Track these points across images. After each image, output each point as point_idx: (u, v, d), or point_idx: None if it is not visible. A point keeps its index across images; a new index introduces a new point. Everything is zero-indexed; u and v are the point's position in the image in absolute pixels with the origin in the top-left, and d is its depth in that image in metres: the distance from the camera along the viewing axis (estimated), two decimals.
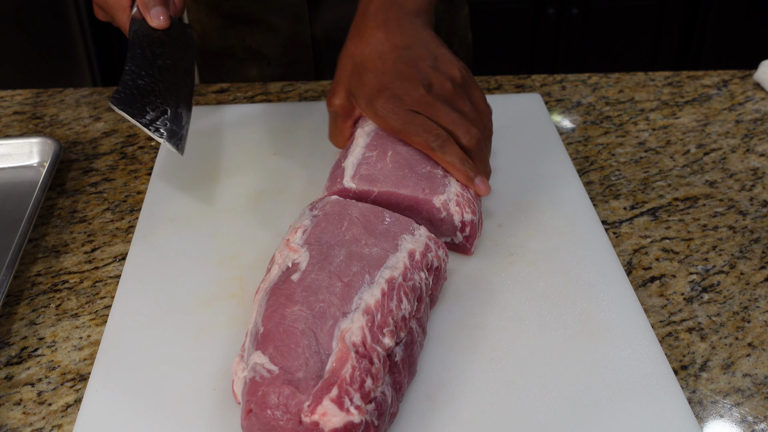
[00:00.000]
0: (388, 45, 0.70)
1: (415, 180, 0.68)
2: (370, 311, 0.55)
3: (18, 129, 0.93)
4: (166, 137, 0.66)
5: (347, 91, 0.73)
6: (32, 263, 0.73)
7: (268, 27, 1.05)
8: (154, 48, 0.72)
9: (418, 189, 0.67)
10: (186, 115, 0.69)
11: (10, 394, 0.60)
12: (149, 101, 0.67)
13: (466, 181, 0.69)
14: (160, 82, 0.70)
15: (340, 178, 0.69)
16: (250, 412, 0.51)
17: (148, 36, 0.72)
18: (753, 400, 0.60)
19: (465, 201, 0.67)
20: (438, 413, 0.56)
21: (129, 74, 0.69)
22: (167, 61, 0.72)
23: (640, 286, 0.70)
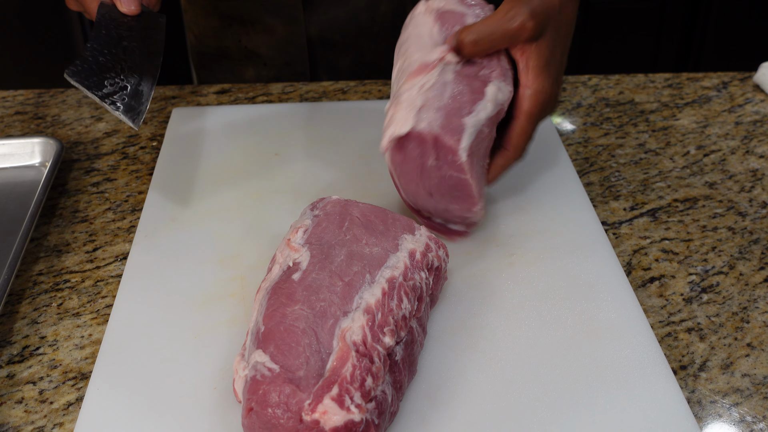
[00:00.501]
0: None
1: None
2: (370, 310, 0.55)
3: (20, 129, 0.93)
4: (123, 110, 0.66)
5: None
6: (34, 262, 0.73)
7: (263, 28, 1.05)
8: (120, 31, 0.72)
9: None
10: (147, 93, 0.69)
11: (11, 392, 0.61)
12: (108, 77, 0.67)
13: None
14: (123, 61, 0.70)
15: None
16: (251, 410, 0.52)
17: (116, 20, 0.73)
18: (752, 400, 0.60)
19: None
20: (438, 412, 0.56)
21: (89, 51, 0.69)
22: (133, 44, 0.72)
23: (640, 287, 0.70)
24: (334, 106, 0.93)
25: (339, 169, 0.82)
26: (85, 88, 0.66)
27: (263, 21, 1.04)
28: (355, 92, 1.00)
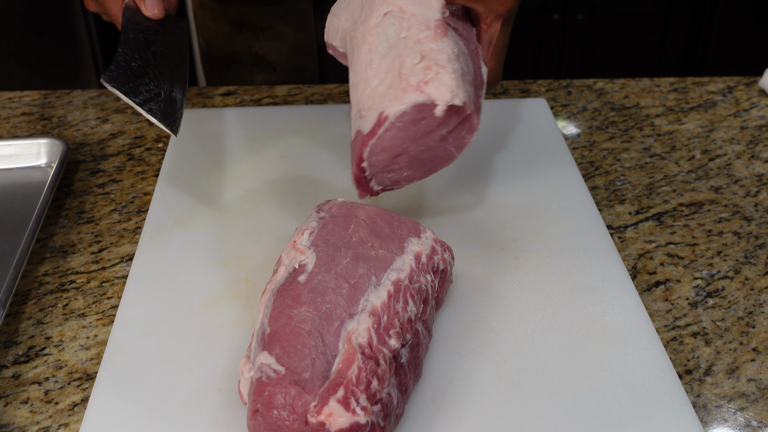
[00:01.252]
0: None
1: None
2: (376, 313, 0.55)
3: (26, 130, 0.94)
4: (160, 117, 0.66)
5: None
6: (40, 263, 0.73)
7: (274, 34, 1.05)
8: (147, 35, 0.72)
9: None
10: (180, 99, 0.69)
11: (17, 392, 0.61)
12: (142, 82, 0.67)
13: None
14: (153, 66, 0.70)
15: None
16: (256, 412, 0.52)
17: (142, 24, 0.73)
18: (757, 404, 0.60)
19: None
20: (443, 415, 0.56)
21: (122, 56, 0.68)
22: (161, 48, 0.72)
23: (645, 291, 0.70)
24: (339, 109, 0.94)
25: (345, 172, 0.82)
26: (124, 94, 0.65)
27: (274, 27, 1.04)
28: None
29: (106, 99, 1.00)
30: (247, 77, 1.11)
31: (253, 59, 1.09)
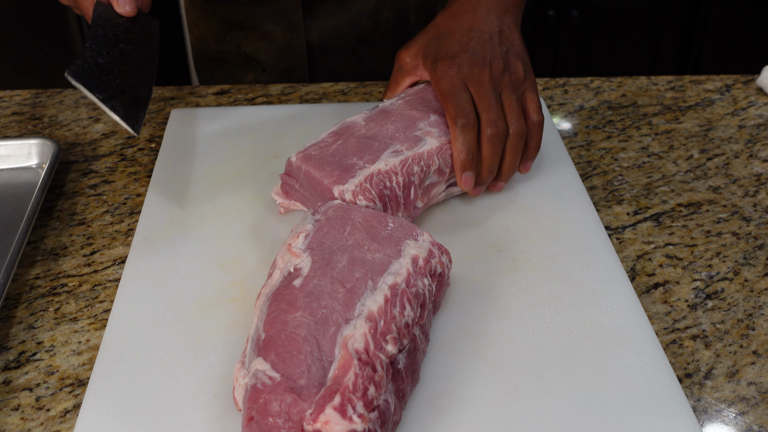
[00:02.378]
0: (474, 27, 0.77)
1: (332, 168, 0.69)
2: (372, 318, 0.55)
3: (17, 130, 0.92)
4: (122, 116, 0.65)
5: (421, 50, 0.78)
6: (31, 266, 0.72)
7: (262, 34, 1.04)
8: (117, 32, 0.71)
9: (327, 175, 0.68)
10: (145, 99, 0.68)
11: (8, 399, 0.60)
12: (108, 79, 0.66)
13: (456, 168, 0.72)
14: (120, 64, 0.69)
15: (294, 152, 0.73)
16: (251, 419, 0.51)
17: (112, 20, 0.72)
18: (758, 408, 0.59)
19: (361, 190, 0.67)
20: (441, 420, 0.56)
21: (89, 51, 0.67)
22: (129, 47, 0.71)
23: (644, 293, 0.70)
24: (334, 108, 0.93)
25: None
26: (87, 89, 0.64)
27: (262, 27, 1.03)
28: (356, 94, 0.99)
29: None
30: (237, 76, 1.10)
31: (243, 59, 1.08)
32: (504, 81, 0.74)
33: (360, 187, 0.67)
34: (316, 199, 0.70)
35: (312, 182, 0.70)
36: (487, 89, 0.73)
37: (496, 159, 0.72)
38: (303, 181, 0.71)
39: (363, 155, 0.70)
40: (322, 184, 0.68)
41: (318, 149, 0.72)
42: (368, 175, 0.68)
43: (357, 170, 0.69)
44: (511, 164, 0.74)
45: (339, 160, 0.70)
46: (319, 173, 0.69)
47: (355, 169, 0.69)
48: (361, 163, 0.69)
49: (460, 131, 0.71)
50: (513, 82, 0.74)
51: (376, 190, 0.68)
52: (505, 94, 0.73)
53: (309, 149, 0.72)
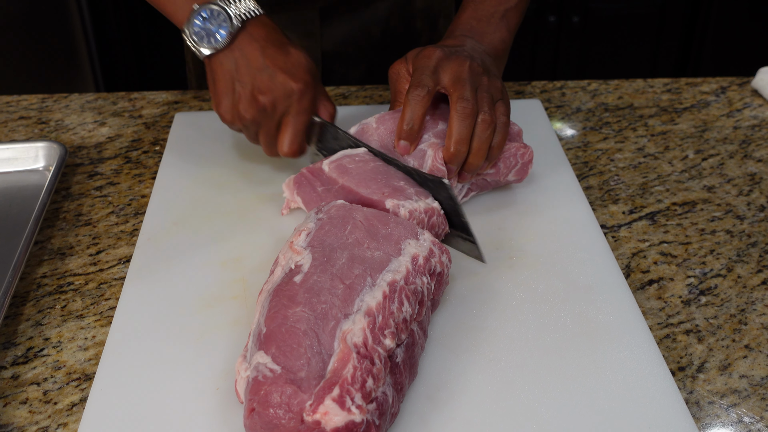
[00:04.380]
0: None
1: (380, 186, 0.69)
2: (371, 313, 0.56)
3: (24, 133, 0.94)
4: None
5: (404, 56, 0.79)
6: (38, 265, 0.74)
7: None
8: None
9: (377, 192, 0.69)
10: None
11: (16, 393, 0.61)
12: None
13: (396, 134, 0.73)
14: None
15: (325, 159, 0.73)
16: (252, 411, 0.52)
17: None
18: (749, 400, 0.60)
19: (418, 218, 0.68)
20: (438, 413, 0.57)
21: None
22: None
23: (639, 289, 0.71)
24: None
25: None
26: None
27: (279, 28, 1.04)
28: (357, 97, 1.01)
29: (104, 103, 1.00)
30: None
31: None
32: (482, 80, 0.74)
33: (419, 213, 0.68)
34: None
35: (348, 196, 0.70)
36: (465, 76, 0.72)
37: (465, 135, 0.71)
38: (334, 190, 0.71)
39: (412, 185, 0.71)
40: (370, 201, 0.69)
41: (354, 162, 0.72)
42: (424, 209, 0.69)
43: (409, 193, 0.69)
44: (477, 152, 0.72)
45: (384, 180, 0.70)
46: (365, 190, 0.69)
47: (407, 192, 0.69)
48: (412, 190, 0.70)
49: (410, 100, 0.71)
50: (489, 87, 0.74)
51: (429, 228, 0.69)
52: (480, 90, 0.73)
53: (343, 159, 0.72)
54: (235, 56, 0.72)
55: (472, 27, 0.81)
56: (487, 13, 0.82)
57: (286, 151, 0.74)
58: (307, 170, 0.73)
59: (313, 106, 0.75)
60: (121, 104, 1.00)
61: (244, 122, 0.74)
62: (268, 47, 0.72)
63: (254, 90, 0.72)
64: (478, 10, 0.82)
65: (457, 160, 0.72)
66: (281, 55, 0.72)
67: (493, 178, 0.77)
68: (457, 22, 0.82)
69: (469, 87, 0.72)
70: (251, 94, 0.72)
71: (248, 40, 0.72)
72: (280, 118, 0.73)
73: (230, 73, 0.73)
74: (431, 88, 0.72)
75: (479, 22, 0.81)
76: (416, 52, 0.77)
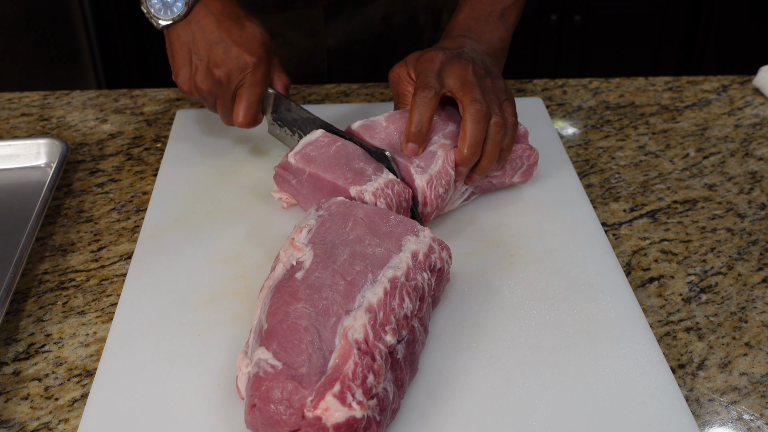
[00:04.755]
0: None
1: (343, 171, 0.70)
2: (372, 309, 0.56)
3: (26, 130, 0.94)
4: None
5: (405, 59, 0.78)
6: (39, 261, 0.74)
7: (284, 41, 1.05)
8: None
9: (341, 178, 0.70)
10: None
11: (17, 388, 0.61)
12: None
13: (404, 136, 0.72)
14: None
15: (289, 152, 0.74)
16: (253, 406, 0.52)
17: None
18: (750, 398, 0.61)
19: (383, 194, 0.69)
20: (439, 409, 0.57)
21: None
22: None
23: (639, 287, 0.71)
24: (337, 109, 0.94)
25: None
26: None
27: (285, 34, 1.05)
28: (358, 95, 1.01)
29: (105, 100, 1.01)
30: None
31: None
32: (486, 82, 0.73)
33: (381, 191, 0.69)
34: (316, 197, 0.72)
35: (317, 183, 0.71)
36: (471, 79, 0.72)
37: (479, 138, 0.70)
38: (304, 180, 0.72)
39: (369, 163, 0.71)
40: (335, 186, 0.70)
41: (316, 149, 0.73)
42: (387, 182, 0.70)
43: (368, 173, 0.70)
44: (490, 154, 0.72)
45: (346, 163, 0.71)
46: (330, 175, 0.70)
47: (367, 173, 0.70)
48: (370, 169, 0.70)
49: (418, 102, 0.71)
50: (494, 88, 0.74)
51: (396, 200, 0.69)
52: (487, 92, 0.73)
53: (306, 149, 0.73)
54: (191, 29, 0.75)
55: (470, 27, 0.81)
56: (485, 13, 0.82)
57: (240, 122, 0.77)
58: (278, 167, 0.75)
59: (267, 79, 0.77)
60: (123, 101, 1.00)
61: (201, 93, 0.77)
62: (224, 20, 0.75)
63: (210, 63, 0.75)
64: (476, 9, 0.82)
65: (470, 163, 0.71)
66: (236, 28, 0.75)
67: (498, 180, 0.77)
68: (455, 22, 0.82)
69: (478, 89, 0.72)
70: (207, 67, 0.75)
71: (204, 13, 0.75)
72: (235, 90, 0.76)
73: (187, 46, 0.75)
74: (438, 90, 0.72)
75: (477, 22, 0.81)
76: (416, 55, 0.77)
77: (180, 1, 0.75)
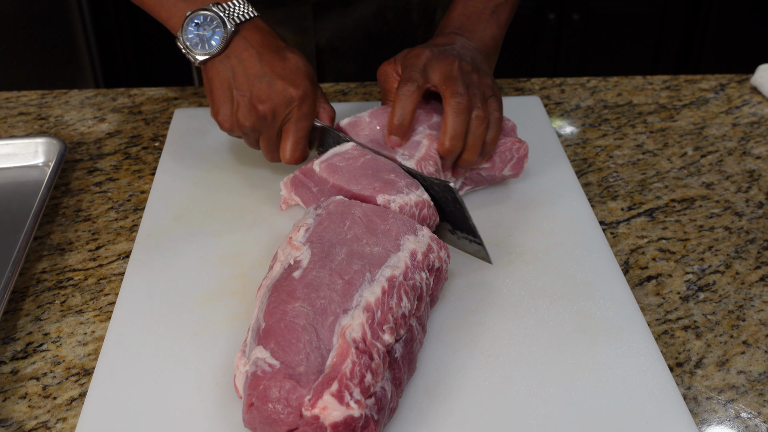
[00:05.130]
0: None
1: (371, 182, 0.69)
2: (370, 308, 0.56)
3: (23, 129, 0.94)
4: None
5: (393, 57, 0.79)
6: (37, 260, 0.74)
7: None
8: None
9: (368, 188, 0.68)
10: None
11: (15, 387, 0.61)
12: None
13: (387, 128, 0.73)
14: None
15: (316, 159, 0.73)
16: (251, 405, 0.52)
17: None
18: (747, 396, 0.61)
19: (409, 213, 0.68)
20: (437, 408, 0.57)
21: None
22: None
23: (637, 285, 0.71)
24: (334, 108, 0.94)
25: None
26: None
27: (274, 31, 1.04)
28: (356, 94, 1.01)
29: (103, 99, 1.00)
30: None
31: None
32: (472, 78, 0.74)
33: (409, 208, 0.68)
34: None
35: (340, 193, 0.70)
36: (455, 73, 0.72)
37: (460, 130, 0.71)
38: (326, 190, 0.71)
39: (402, 176, 0.70)
40: (362, 197, 0.68)
41: (344, 160, 0.72)
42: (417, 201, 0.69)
43: (400, 186, 0.69)
44: (471, 147, 0.72)
45: (374, 174, 0.70)
46: (356, 187, 0.69)
47: (398, 185, 0.69)
48: (403, 182, 0.69)
49: (400, 96, 0.71)
50: (479, 84, 0.74)
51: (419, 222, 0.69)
52: (471, 87, 0.73)
53: (333, 158, 0.72)
54: (231, 63, 0.71)
55: (462, 24, 0.81)
56: (477, 10, 0.82)
57: (288, 159, 0.74)
58: (300, 172, 0.73)
59: (314, 112, 0.74)
60: (121, 100, 1.00)
61: (244, 130, 0.73)
62: (265, 53, 0.71)
63: (253, 98, 0.71)
64: (468, 6, 0.82)
65: (452, 155, 0.72)
66: (278, 60, 0.71)
67: (488, 172, 0.77)
68: (448, 19, 0.83)
69: (461, 83, 0.72)
70: (250, 102, 0.71)
71: (244, 46, 0.71)
72: (281, 126, 0.73)
73: (227, 81, 0.72)
74: (421, 83, 0.72)
75: (469, 19, 0.81)
76: (405, 52, 0.77)
77: (217, 34, 0.71)
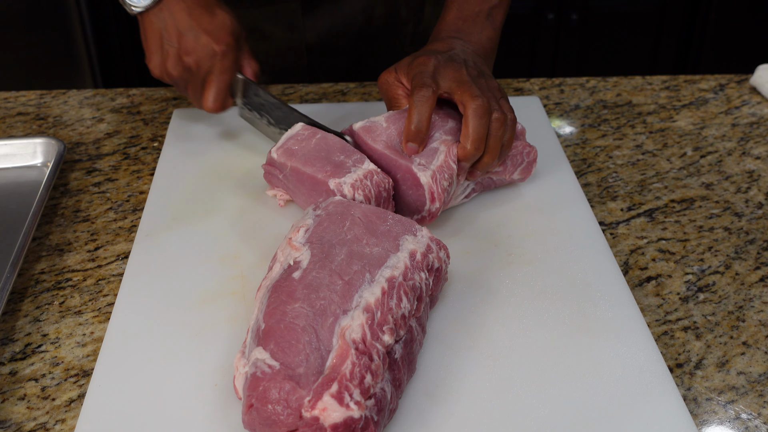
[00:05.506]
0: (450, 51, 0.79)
1: (323, 164, 0.71)
2: (370, 309, 0.56)
3: (22, 129, 0.94)
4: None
5: (395, 65, 0.79)
6: (36, 261, 0.74)
7: (262, 35, 1.05)
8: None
9: (321, 170, 0.71)
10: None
11: (14, 389, 0.61)
12: None
13: (404, 136, 0.72)
14: None
15: (273, 148, 0.76)
16: (251, 407, 0.52)
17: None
18: (747, 397, 0.61)
19: (362, 186, 0.69)
20: (436, 409, 0.57)
21: None
22: None
23: (637, 286, 0.71)
24: (333, 108, 0.94)
25: None
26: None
27: (262, 29, 1.05)
28: (355, 94, 1.01)
29: (102, 99, 1.00)
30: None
31: None
32: (480, 82, 0.73)
33: (360, 182, 0.69)
34: (300, 190, 0.73)
35: (299, 176, 0.72)
36: (465, 78, 0.72)
37: (482, 134, 0.70)
38: (288, 174, 0.73)
39: (350, 155, 0.72)
40: (315, 179, 0.70)
41: (297, 143, 0.74)
42: (366, 173, 0.70)
43: (348, 165, 0.71)
44: (492, 150, 0.72)
45: (326, 156, 0.72)
46: (310, 169, 0.71)
47: (346, 166, 0.71)
48: (350, 161, 0.71)
49: (416, 101, 0.71)
50: (488, 86, 0.74)
51: (375, 190, 0.69)
52: (484, 91, 0.72)
53: (287, 143, 0.74)
54: (163, 16, 0.77)
55: (459, 27, 0.81)
56: (472, 13, 0.82)
57: (209, 107, 0.79)
58: (266, 164, 0.76)
59: (236, 66, 0.80)
60: (120, 100, 1.00)
61: (172, 78, 0.79)
62: (195, 8, 0.77)
63: (180, 50, 0.77)
64: (463, 9, 0.82)
65: (474, 158, 0.71)
66: (207, 16, 0.77)
67: (499, 176, 0.77)
68: (443, 23, 0.83)
69: (476, 87, 0.72)
70: (177, 54, 0.77)
71: (176, 0, 0.77)
72: (204, 77, 0.78)
73: (159, 32, 0.78)
74: (435, 89, 0.72)
75: (465, 22, 0.82)
76: (407, 61, 0.77)
77: None
